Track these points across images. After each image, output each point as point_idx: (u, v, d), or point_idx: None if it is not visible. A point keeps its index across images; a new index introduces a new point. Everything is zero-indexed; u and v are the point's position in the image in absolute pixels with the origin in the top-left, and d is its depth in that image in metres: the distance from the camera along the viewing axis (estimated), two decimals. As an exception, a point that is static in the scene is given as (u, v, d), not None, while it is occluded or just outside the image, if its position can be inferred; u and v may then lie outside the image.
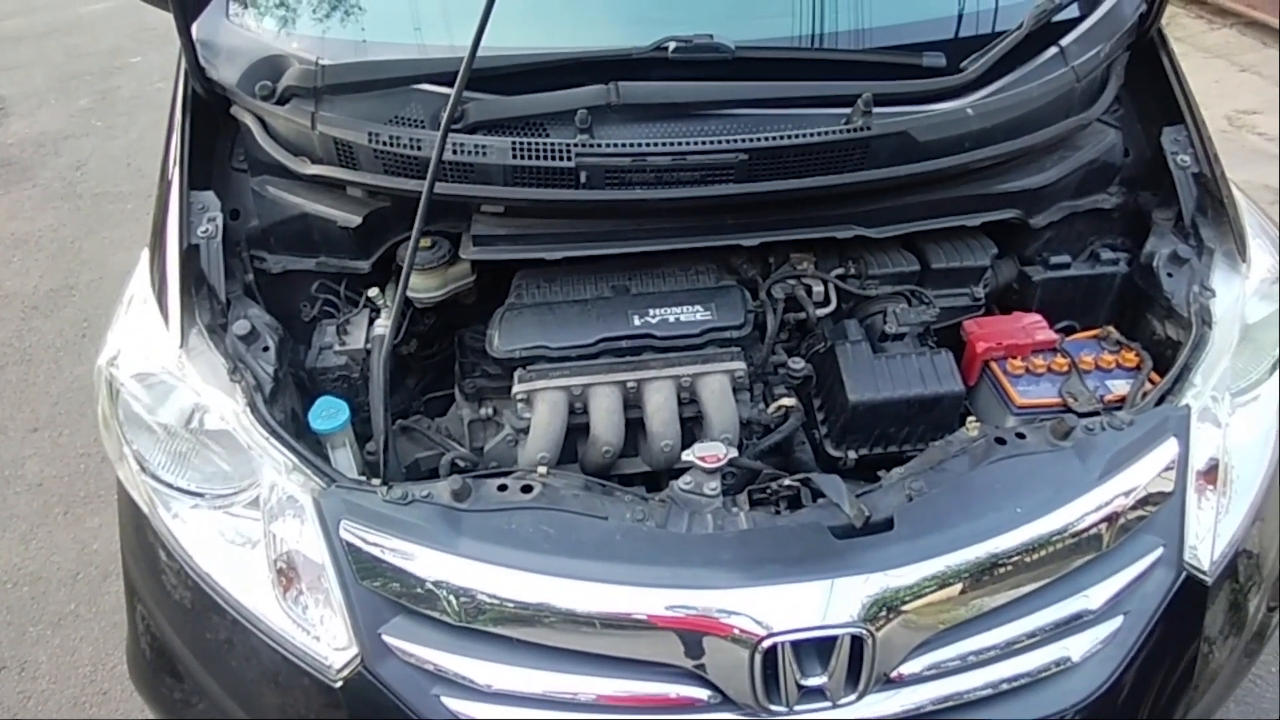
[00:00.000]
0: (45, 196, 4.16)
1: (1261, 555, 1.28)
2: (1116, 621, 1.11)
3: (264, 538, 1.10)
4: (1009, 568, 1.05)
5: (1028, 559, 1.05)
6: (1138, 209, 1.51)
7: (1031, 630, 1.08)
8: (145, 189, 4.16)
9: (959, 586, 1.03)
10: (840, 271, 1.42)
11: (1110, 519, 1.09)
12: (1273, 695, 1.91)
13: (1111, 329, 1.40)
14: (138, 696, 1.93)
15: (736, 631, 0.98)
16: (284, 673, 1.07)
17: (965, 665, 1.06)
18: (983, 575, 1.04)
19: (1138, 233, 1.50)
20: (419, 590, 1.03)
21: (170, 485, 1.18)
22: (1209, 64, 5.22)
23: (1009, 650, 1.07)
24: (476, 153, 1.21)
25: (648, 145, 1.20)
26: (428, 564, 1.03)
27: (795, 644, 0.99)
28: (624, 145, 1.20)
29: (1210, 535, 1.16)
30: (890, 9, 1.41)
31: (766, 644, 0.97)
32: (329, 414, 1.21)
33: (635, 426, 1.30)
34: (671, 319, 1.30)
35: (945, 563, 1.02)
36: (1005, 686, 1.07)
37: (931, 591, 1.02)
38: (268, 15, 1.42)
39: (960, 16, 1.44)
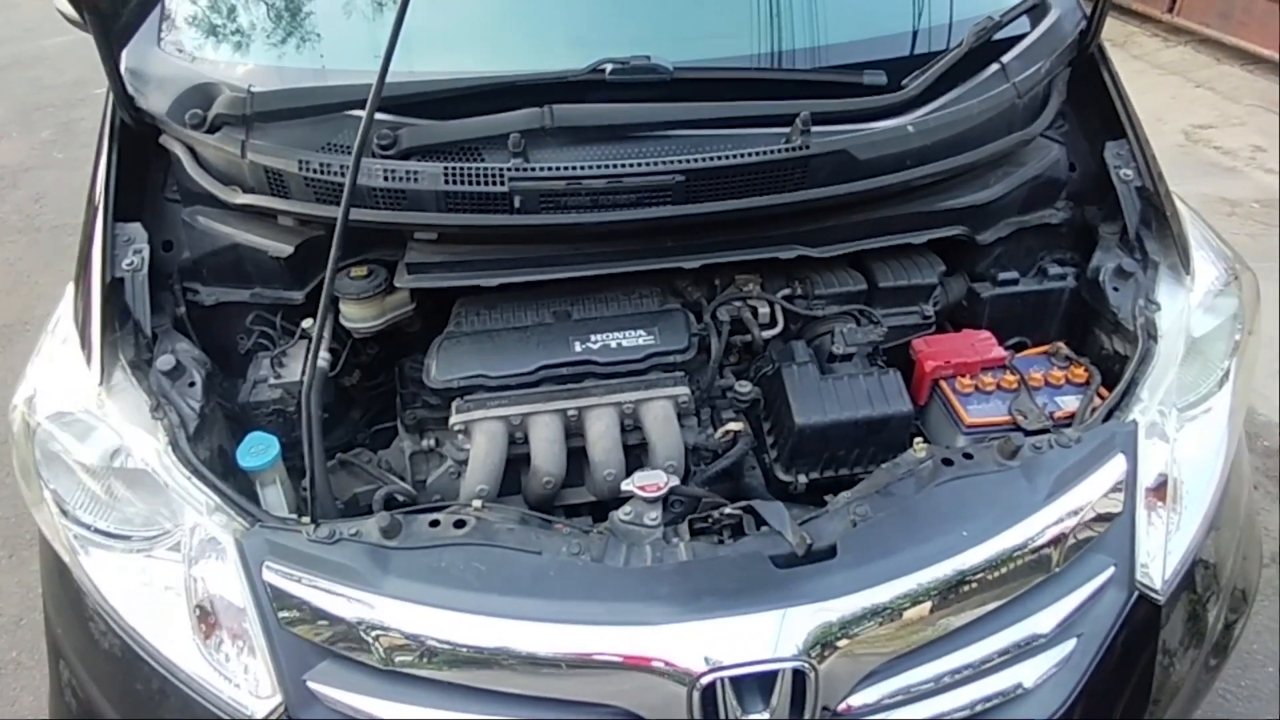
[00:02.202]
0: (2, 230, 4.08)
1: (1219, 565, 1.26)
2: (1069, 645, 1.09)
3: (184, 581, 1.05)
4: (956, 594, 1.02)
5: (975, 584, 1.03)
6: (1085, 224, 1.51)
7: (981, 657, 1.05)
8: (105, 221, 4.11)
9: (904, 614, 1.00)
10: (787, 292, 1.40)
11: (1059, 539, 1.07)
12: (1273, 695, 1.91)
13: (1061, 345, 1.39)
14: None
15: (673, 668, 0.94)
16: (205, 723, 1.02)
17: (914, 696, 1.03)
18: (928, 602, 1.01)
19: (1086, 247, 1.49)
20: (345, 634, 0.99)
21: (90, 528, 1.13)
22: (1165, 80, 5.33)
23: (959, 679, 1.04)
24: (408, 179, 1.18)
25: (582, 168, 1.18)
26: (354, 606, 0.98)
27: (735, 679, 0.95)
28: (558, 169, 1.18)
29: (1161, 553, 1.14)
30: (831, 28, 1.40)
31: (705, 680, 0.94)
32: (258, 450, 1.17)
33: (579, 455, 1.26)
34: (613, 344, 1.27)
35: (889, 591, 0.99)
36: (957, 715, 1.04)
37: (875, 621, 0.99)
38: (199, 43, 1.39)
39: (902, 35, 1.45)
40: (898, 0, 1.49)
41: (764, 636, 0.96)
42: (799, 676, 0.96)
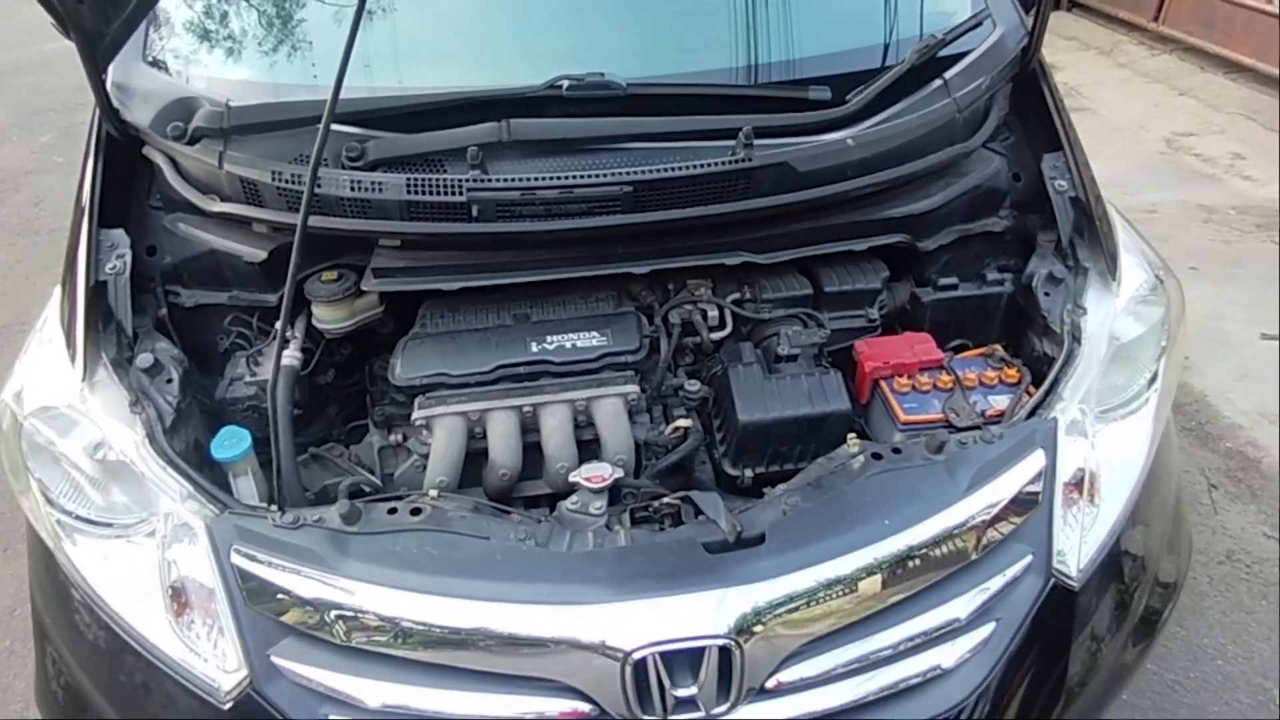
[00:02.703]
0: (1, 233, 4.16)
1: (1144, 558, 1.33)
2: (988, 629, 1.15)
3: (159, 564, 1.13)
4: (877, 579, 1.09)
5: (896, 570, 1.10)
6: (1028, 232, 1.58)
7: (902, 639, 1.11)
8: (103, 224, 4.19)
9: (826, 598, 1.07)
10: (736, 296, 1.48)
11: (977, 529, 1.14)
12: (1221, 687, 1.97)
13: (998, 347, 1.46)
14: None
15: (607, 645, 1.01)
16: (176, 697, 1.10)
17: (838, 675, 1.09)
18: (851, 586, 1.08)
19: (1029, 254, 1.56)
20: (306, 612, 1.06)
21: (73, 515, 1.21)
22: (1149, 88, 5.40)
23: (881, 659, 1.11)
24: (373, 189, 1.26)
25: (536, 179, 1.25)
26: (314, 586, 1.06)
27: (665, 655, 1.02)
28: (514, 180, 1.25)
29: (1078, 543, 1.21)
30: (780, 47, 1.48)
31: (636, 656, 1.01)
32: (231, 443, 1.25)
33: (537, 451, 1.33)
34: (568, 345, 1.35)
35: (813, 575, 1.06)
36: (879, 694, 1.11)
37: (799, 603, 1.05)
38: (181, 60, 1.47)
39: (849, 54, 1.52)
40: (846, 20, 1.57)
41: (693, 616, 1.03)
42: (726, 654, 1.03)
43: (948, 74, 1.48)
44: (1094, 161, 4.65)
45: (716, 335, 1.44)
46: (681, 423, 1.36)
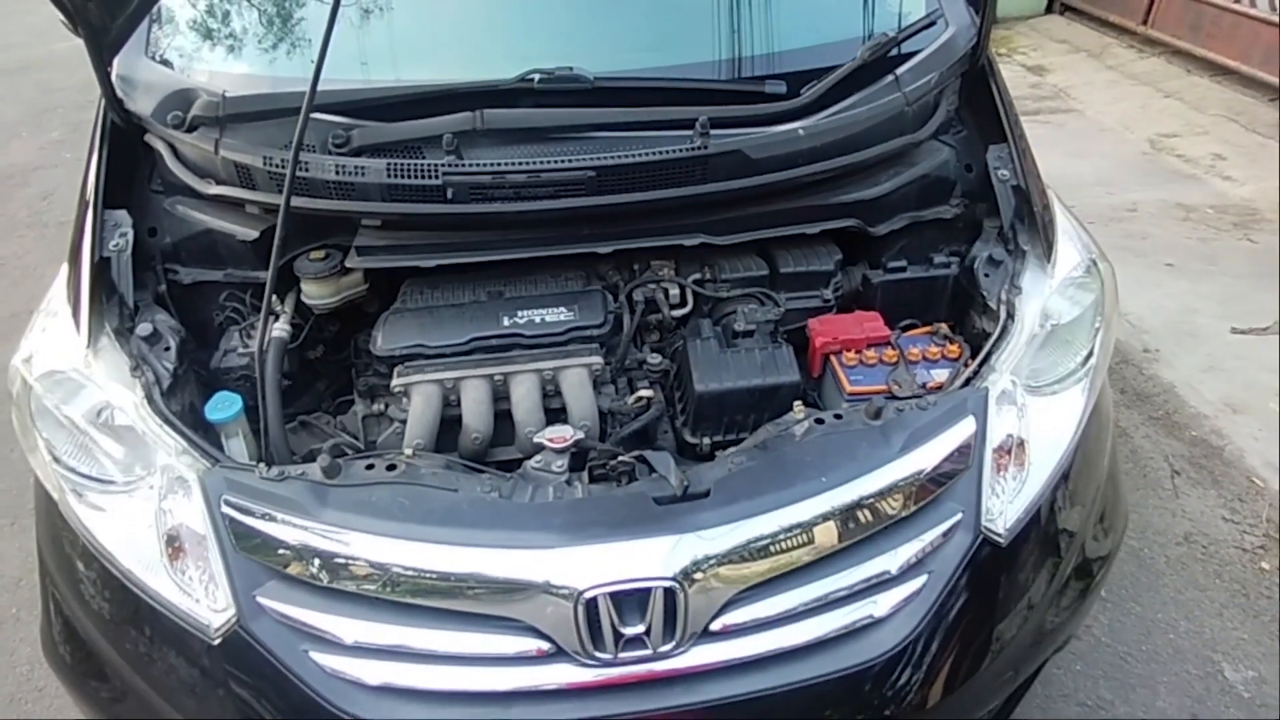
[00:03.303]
0: (11, 225, 4.28)
1: (1074, 525, 1.41)
2: (919, 581, 1.24)
3: (156, 514, 1.23)
4: (813, 531, 1.19)
5: (831, 523, 1.19)
6: (976, 219, 1.67)
7: (838, 589, 1.20)
8: (109, 217, 4.30)
9: (765, 548, 1.16)
10: (697, 276, 1.58)
11: (909, 487, 1.23)
12: (1171, 659, 2.06)
13: (943, 325, 1.56)
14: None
15: (562, 585, 1.11)
16: (171, 634, 1.19)
17: (777, 620, 1.18)
18: (789, 538, 1.17)
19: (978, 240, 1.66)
20: (289, 556, 1.16)
21: (77, 472, 1.31)
22: (1136, 90, 5.49)
23: (817, 607, 1.20)
24: (356, 173, 1.36)
25: (507, 164, 1.35)
26: (296, 532, 1.16)
27: (615, 596, 1.12)
28: (486, 165, 1.35)
29: (1006, 504, 1.30)
30: (740, 44, 1.58)
31: (588, 596, 1.11)
32: (223, 406, 1.35)
33: (509, 419, 1.43)
34: (538, 319, 1.45)
35: (753, 527, 1.16)
36: (816, 640, 1.20)
37: (740, 551, 1.15)
38: (181, 53, 1.58)
39: (807, 51, 1.62)
40: (805, 20, 1.67)
41: (641, 561, 1.12)
42: (671, 597, 1.13)
43: (899, 70, 1.57)
44: (1078, 161, 4.76)
45: (678, 313, 1.54)
46: (644, 393, 1.46)
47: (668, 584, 1.12)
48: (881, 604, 1.22)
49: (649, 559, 1.12)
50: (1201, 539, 2.40)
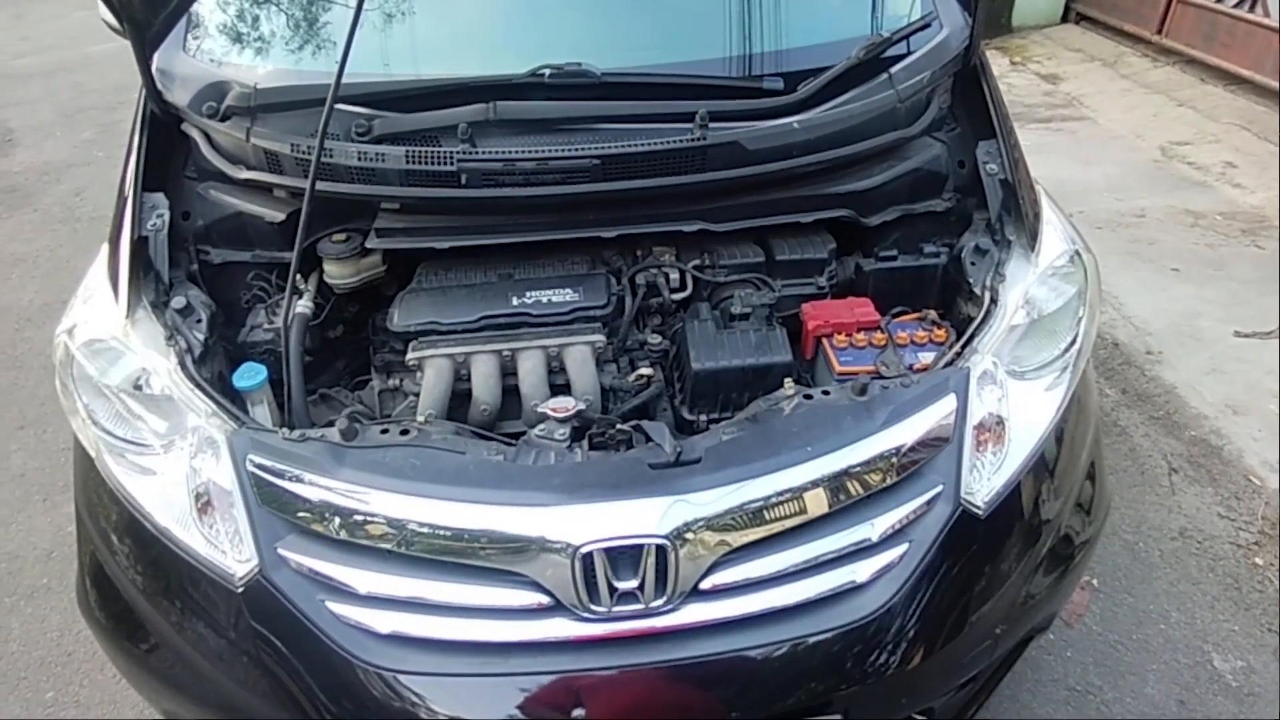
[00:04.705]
0: (45, 220, 4.44)
1: (1052, 503, 1.45)
2: (900, 549, 1.30)
3: (186, 472, 1.32)
4: (798, 498, 1.25)
5: (816, 490, 1.26)
6: (966, 212, 1.74)
7: (821, 554, 1.26)
8: (139, 213, 4.45)
9: (752, 511, 1.23)
10: (697, 262, 1.66)
11: (892, 459, 1.30)
12: (1161, 649, 2.11)
13: (931, 311, 1.62)
14: (98, 655, 2.15)
15: (559, 541, 1.19)
16: (198, 583, 1.28)
17: (764, 582, 1.25)
18: (775, 503, 1.24)
19: None
20: (308, 511, 1.25)
21: (114, 435, 1.40)
22: (1150, 98, 5.52)
23: (802, 570, 1.26)
24: (376, 159, 1.46)
25: (517, 153, 1.44)
26: (315, 490, 1.24)
27: (610, 553, 1.19)
28: (497, 153, 1.44)
29: (986, 479, 1.36)
30: (741, 43, 1.66)
31: (584, 551, 1.18)
32: (249, 375, 1.44)
33: (516, 394, 1.52)
34: (545, 300, 1.53)
35: (741, 491, 1.22)
36: (801, 602, 1.26)
37: (728, 514, 1.22)
38: (216, 48, 1.69)
39: (806, 50, 1.70)
40: (804, 20, 1.75)
41: (634, 519, 1.20)
42: (662, 554, 1.20)
43: (894, 68, 1.65)
44: (1089, 168, 4.82)
45: (678, 296, 1.62)
46: (644, 371, 1.54)
47: (659, 541, 1.19)
48: (863, 570, 1.28)
49: (642, 518, 1.19)
50: (1196, 534, 2.44)
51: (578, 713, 1.20)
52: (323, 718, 1.23)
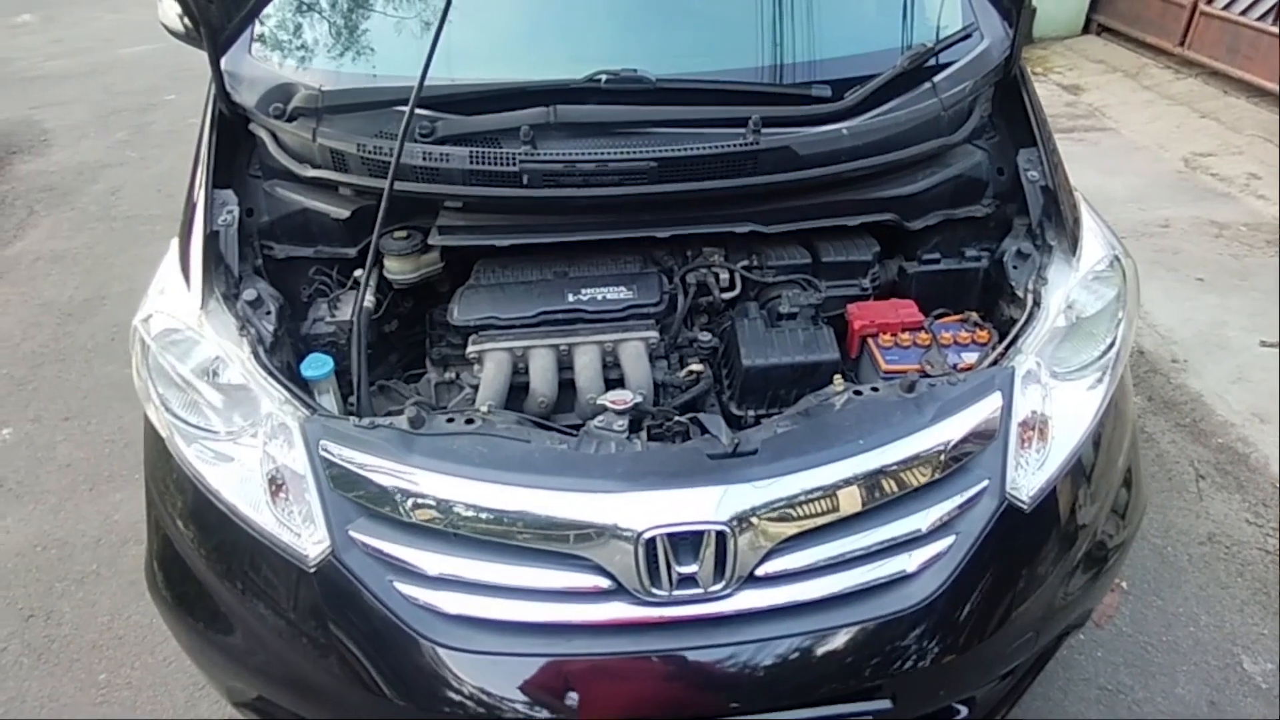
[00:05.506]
0: (83, 218, 4.54)
1: (1090, 502, 1.48)
2: (948, 540, 1.34)
3: (260, 458, 1.38)
4: (851, 489, 1.30)
5: (867, 482, 1.30)
6: (1006, 218, 1.79)
7: (873, 544, 1.31)
8: (174, 213, 4.46)
9: (807, 501, 1.27)
10: (745, 263, 1.71)
11: (940, 454, 1.34)
12: (1190, 650, 2.13)
13: (974, 313, 1.67)
14: (148, 639, 2.21)
15: (623, 527, 1.23)
16: (271, 562, 1.34)
17: (817, 570, 1.29)
18: (828, 493, 1.29)
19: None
20: (378, 495, 1.30)
21: (188, 423, 1.46)
22: (1172, 110, 5.54)
23: (854, 559, 1.30)
24: (441, 159, 1.52)
25: (577, 154, 1.50)
26: (385, 475, 1.29)
27: (671, 538, 1.24)
28: (558, 154, 1.50)
29: (1029, 474, 1.40)
30: (789, 51, 1.72)
31: (647, 536, 1.23)
32: (317, 364, 1.50)
33: (570, 389, 1.57)
34: (600, 297, 1.59)
35: (796, 481, 1.27)
36: (852, 589, 1.30)
37: (784, 503, 1.27)
38: (282, 52, 1.75)
39: (852, 58, 1.75)
40: (850, 30, 1.80)
41: (695, 506, 1.24)
42: (721, 540, 1.25)
43: (936, 78, 1.70)
44: (1112, 178, 4.84)
45: (727, 296, 1.67)
46: (695, 367, 1.59)
47: (719, 528, 1.24)
48: (912, 560, 1.33)
49: (703, 505, 1.24)
50: (1225, 540, 2.46)
51: (571, 697, 1.24)
52: (390, 693, 1.28)
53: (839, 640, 1.29)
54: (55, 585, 2.39)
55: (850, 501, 1.31)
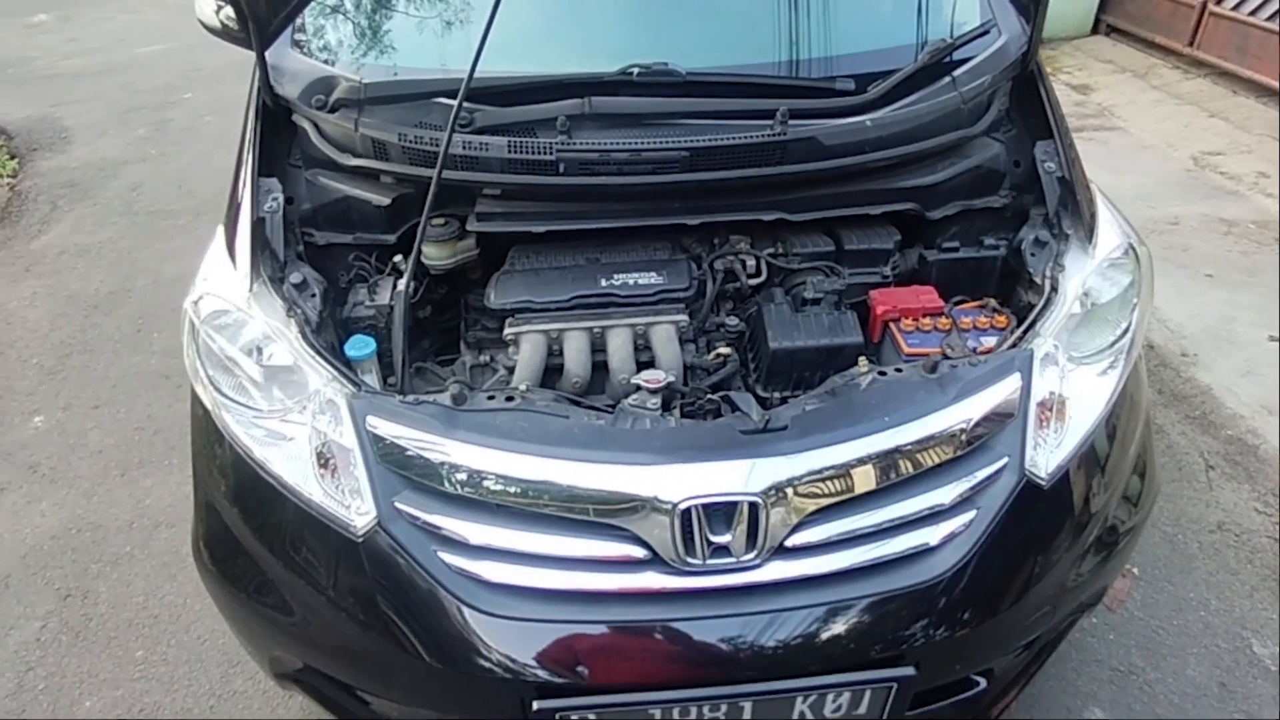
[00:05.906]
0: (105, 213, 4.61)
1: (1105, 480, 1.53)
2: (969, 515, 1.39)
3: (309, 431, 1.43)
4: (876, 464, 1.35)
5: (892, 457, 1.36)
6: (1022, 208, 1.84)
7: (897, 517, 1.36)
8: (194, 208, 4.61)
9: (835, 475, 1.33)
10: (771, 250, 1.76)
11: (961, 431, 1.40)
12: (1201, 634, 2.18)
13: (991, 300, 1.72)
14: (183, 618, 2.27)
15: (660, 498, 1.29)
16: (320, 534, 1.39)
17: (844, 542, 1.34)
18: (855, 468, 1.34)
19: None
20: (423, 468, 1.35)
21: (238, 403, 1.52)
22: (1181, 109, 5.58)
23: (879, 532, 1.35)
24: (480, 148, 1.58)
25: (611, 144, 1.56)
26: (430, 449, 1.35)
27: (706, 509, 1.30)
28: (593, 144, 1.56)
29: (1047, 452, 1.45)
30: (815, 46, 1.77)
31: (682, 507, 1.28)
32: (360, 345, 1.56)
33: (603, 371, 1.62)
34: (631, 282, 1.64)
35: (825, 456, 1.32)
36: (877, 561, 1.35)
37: (813, 477, 1.32)
38: (324, 46, 1.81)
39: (874, 53, 1.81)
40: (872, 25, 1.86)
41: (729, 479, 1.30)
42: (754, 511, 1.30)
43: (956, 72, 1.75)
44: (1121, 177, 4.89)
45: (753, 282, 1.73)
46: (722, 350, 1.65)
47: (753, 499, 1.29)
48: (935, 533, 1.38)
49: (737, 478, 1.30)
50: (1234, 528, 2.51)
51: (608, 663, 1.28)
52: (432, 658, 1.33)
53: (864, 610, 1.34)
54: (91, 566, 2.46)
55: (875, 477, 1.36)
